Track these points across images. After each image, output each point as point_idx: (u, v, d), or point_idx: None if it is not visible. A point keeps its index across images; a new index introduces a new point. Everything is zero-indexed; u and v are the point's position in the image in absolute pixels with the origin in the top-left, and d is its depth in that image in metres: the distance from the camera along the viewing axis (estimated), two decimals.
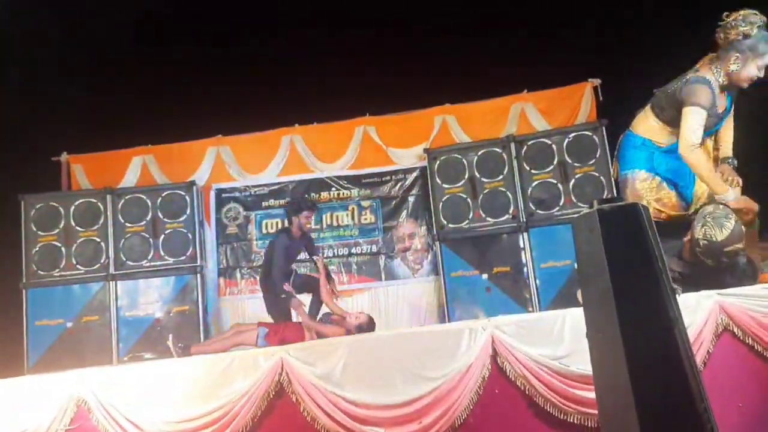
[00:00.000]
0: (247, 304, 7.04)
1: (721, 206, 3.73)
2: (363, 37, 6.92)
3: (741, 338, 3.40)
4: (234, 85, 6.96)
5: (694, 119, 3.76)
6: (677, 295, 2.42)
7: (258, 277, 6.66)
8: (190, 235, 6.74)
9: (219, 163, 7.29)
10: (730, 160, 3.96)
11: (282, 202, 7.28)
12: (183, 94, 6.94)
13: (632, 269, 2.32)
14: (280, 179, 7.34)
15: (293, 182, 7.32)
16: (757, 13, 3.71)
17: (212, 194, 7.29)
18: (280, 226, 7.20)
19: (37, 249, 6.62)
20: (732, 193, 3.77)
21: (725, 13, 3.77)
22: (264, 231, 7.21)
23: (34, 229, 6.65)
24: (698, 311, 3.42)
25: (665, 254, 3.81)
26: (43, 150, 7.23)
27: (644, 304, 2.26)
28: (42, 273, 6.59)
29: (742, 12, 3.71)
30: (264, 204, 7.28)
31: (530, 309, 6.22)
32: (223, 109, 7.04)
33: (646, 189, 4.05)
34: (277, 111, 7.11)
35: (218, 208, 7.29)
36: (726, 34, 3.75)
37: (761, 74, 3.76)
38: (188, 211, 6.80)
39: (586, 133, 6.45)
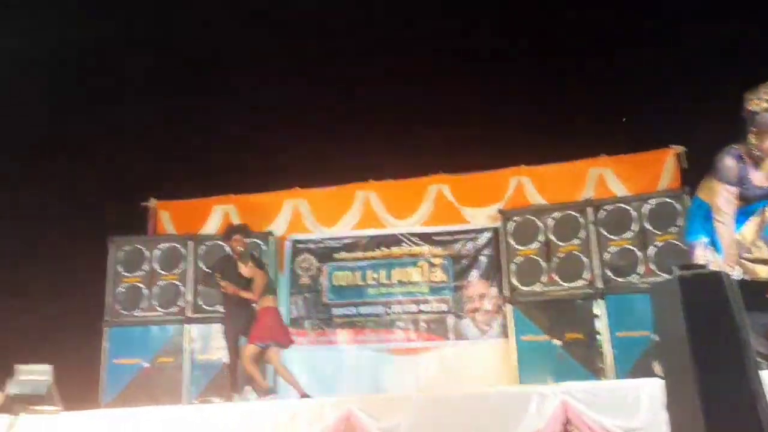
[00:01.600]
0: (316, 354, 7.09)
1: None
2: (440, 95, 7.08)
3: None
4: (312, 139, 7.20)
5: (718, 194, 3.73)
6: (761, 369, 2.30)
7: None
8: None
9: (295, 214, 7.49)
10: None
11: (354, 255, 7.37)
12: (263, 146, 7.24)
13: (714, 340, 2.23)
14: (353, 233, 7.44)
15: (365, 236, 7.41)
16: None
17: (288, 244, 7.46)
18: (350, 279, 7.28)
19: (121, 289, 6.93)
20: (735, 272, 3.59)
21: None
22: (335, 283, 7.29)
23: (120, 270, 6.98)
24: None
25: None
26: (132, 194, 7.64)
27: (726, 377, 2.17)
28: (124, 313, 6.87)
29: (761, 85, 3.60)
30: (336, 256, 7.37)
31: (603, 379, 5.99)
32: (301, 163, 7.28)
33: (702, 255, 3.89)
34: (352, 166, 7.29)
35: (292, 259, 7.43)
36: (744, 107, 3.67)
37: None
38: (264, 260, 6.98)
39: (668, 200, 6.30)
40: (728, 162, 3.71)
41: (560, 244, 6.57)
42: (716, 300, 2.30)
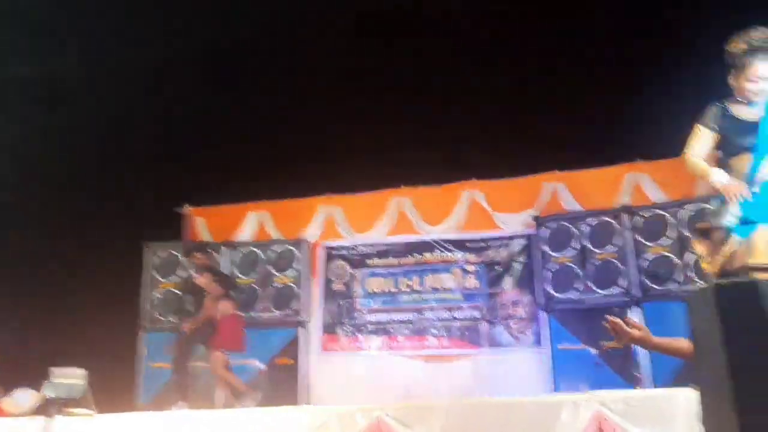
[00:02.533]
0: (348, 360, 7.10)
1: None
2: (473, 102, 7.04)
3: None
4: (345, 145, 7.22)
5: (692, 136, 3.70)
6: None
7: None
8: (297, 290, 6.96)
9: (329, 221, 7.54)
10: None
11: (387, 261, 7.36)
12: (297, 153, 7.29)
13: (751, 351, 2.16)
14: (386, 239, 7.44)
15: (399, 243, 7.40)
16: (755, 29, 3.52)
17: (321, 251, 7.49)
18: (383, 285, 7.28)
19: (157, 294, 7.04)
20: (716, 174, 3.47)
21: None
22: (369, 289, 7.29)
23: (156, 275, 7.10)
24: None
25: None
26: (168, 200, 7.77)
27: (763, 390, 2.09)
28: (160, 318, 6.98)
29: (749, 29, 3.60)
30: (369, 263, 7.38)
31: (643, 387, 5.87)
32: (335, 169, 7.30)
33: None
34: (386, 173, 7.28)
35: (326, 265, 7.46)
36: (726, 50, 3.64)
37: (760, 84, 3.53)
38: (297, 266, 7.05)
39: (708, 206, 6.12)
40: (711, 108, 3.69)
41: (596, 251, 6.47)
42: (753, 310, 2.23)
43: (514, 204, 7.27)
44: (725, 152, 3.74)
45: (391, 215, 7.48)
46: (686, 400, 3.35)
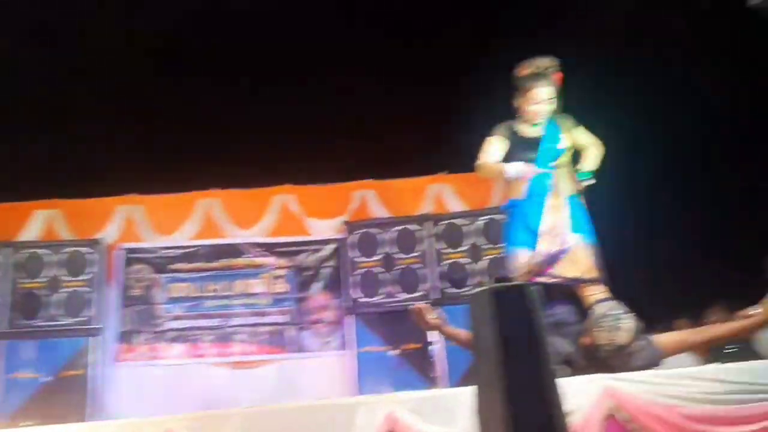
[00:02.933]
0: (145, 370, 6.70)
1: (608, 304, 3.86)
2: (286, 105, 7.03)
3: (626, 425, 3.44)
4: (148, 143, 6.85)
5: (484, 146, 4.22)
6: (562, 377, 2.46)
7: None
8: (90, 296, 6.48)
9: (129, 222, 7.07)
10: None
11: (192, 266, 7.07)
12: (95, 149, 6.79)
13: (518, 347, 2.35)
14: (192, 242, 7.14)
15: (205, 246, 7.14)
16: (539, 58, 4.11)
17: (119, 253, 7.01)
18: (187, 290, 6.98)
19: None
20: (509, 167, 4.02)
21: None
22: (170, 295, 6.94)
23: None
24: (586, 395, 3.46)
25: (562, 336, 3.91)
26: None
27: (526, 386, 2.29)
28: None
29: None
30: (173, 267, 7.03)
31: (439, 387, 6.21)
32: (137, 167, 6.88)
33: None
34: (194, 174, 7.00)
35: (124, 269, 6.98)
36: (514, 75, 4.19)
37: (539, 107, 4.12)
38: (91, 270, 6.55)
39: (497, 216, 6.66)
40: (505, 124, 4.19)
41: (401, 256, 6.77)
42: (521, 311, 2.43)
43: (326, 210, 7.36)
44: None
45: (198, 217, 7.21)
46: (470, 396, 3.56)
